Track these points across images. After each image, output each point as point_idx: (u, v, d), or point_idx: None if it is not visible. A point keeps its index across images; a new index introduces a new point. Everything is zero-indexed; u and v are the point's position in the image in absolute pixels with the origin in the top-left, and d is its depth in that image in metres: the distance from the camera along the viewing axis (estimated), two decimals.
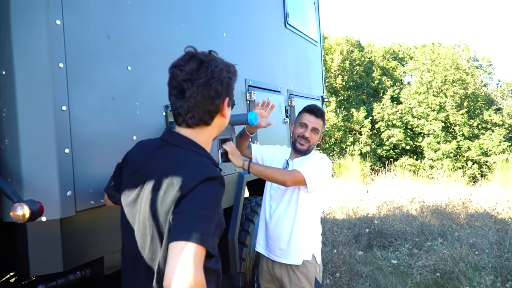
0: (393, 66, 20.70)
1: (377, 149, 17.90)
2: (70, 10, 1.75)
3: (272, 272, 2.61)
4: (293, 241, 2.51)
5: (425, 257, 4.63)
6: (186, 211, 1.20)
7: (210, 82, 1.34)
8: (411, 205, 7.79)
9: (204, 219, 1.19)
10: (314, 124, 2.54)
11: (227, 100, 1.43)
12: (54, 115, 1.67)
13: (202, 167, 1.32)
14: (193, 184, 1.23)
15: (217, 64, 1.39)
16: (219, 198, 1.29)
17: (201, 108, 1.36)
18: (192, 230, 1.16)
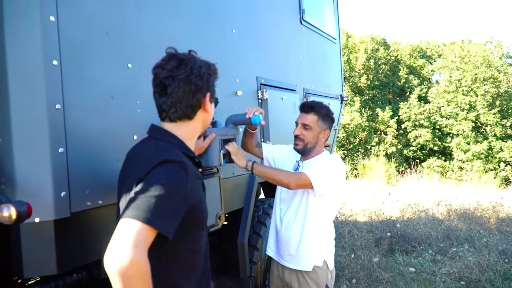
0: (420, 65, 20.20)
1: (403, 149, 17.48)
2: (66, 6, 1.70)
3: (282, 277, 2.51)
4: (303, 246, 2.40)
5: (449, 264, 4.42)
6: (139, 191, 1.22)
7: (190, 77, 1.41)
8: (437, 208, 7.51)
9: (155, 199, 1.18)
10: (303, 120, 2.42)
11: (209, 95, 1.49)
12: (47, 113, 1.63)
13: (163, 152, 1.35)
14: (150, 167, 1.27)
15: (195, 61, 1.45)
16: (177, 181, 1.27)
17: (183, 103, 1.43)
18: (136, 208, 1.16)
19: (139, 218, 1.13)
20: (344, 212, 7.16)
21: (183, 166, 1.30)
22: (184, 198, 1.27)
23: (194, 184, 1.35)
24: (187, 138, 1.49)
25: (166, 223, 1.19)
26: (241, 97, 2.93)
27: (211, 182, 2.50)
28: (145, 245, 1.13)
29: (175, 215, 1.24)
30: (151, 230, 1.14)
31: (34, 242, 1.64)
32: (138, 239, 1.11)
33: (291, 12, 3.84)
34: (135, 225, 1.12)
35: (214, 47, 2.67)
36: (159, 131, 1.48)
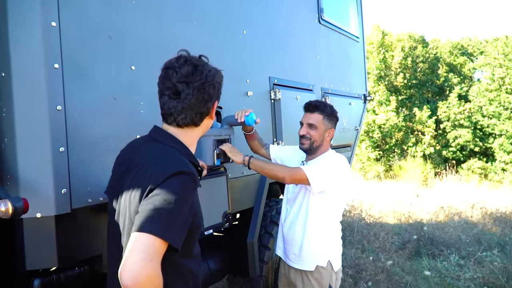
0: (461, 62, 19.47)
1: (442, 150, 16.92)
2: (67, 12, 1.78)
3: (288, 276, 2.52)
4: (305, 246, 2.39)
5: (473, 269, 4.24)
6: (152, 203, 1.21)
7: (205, 86, 1.40)
8: (471, 211, 7.22)
9: (168, 212, 1.19)
10: (308, 119, 2.40)
11: (216, 103, 1.49)
12: (48, 114, 1.71)
13: (175, 162, 1.33)
14: (163, 177, 1.25)
15: (210, 69, 1.44)
16: (188, 193, 1.27)
17: (194, 110, 1.41)
18: (152, 222, 1.16)
19: (154, 233, 1.14)
20: (372, 214, 7.02)
21: (194, 178, 1.31)
22: (191, 209, 1.29)
23: (196, 193, 1.37)
24: (190, 144, 1.47)
25: (176, 236, 1.21)
26: (251, 97, 2.95)
27: (218, 181, 2.54)
28: (158, 258, 1.15)
29: (184, 227, 1.25)
30: (163, 243, 1.16)
31: (36, 236, 1.73)
32: (153, 253, 1.13)
33: (308, 11, 3.82)
34: (150, 239, 1.13)
35: (223, 48, 2.71)
36: (163, 134, 1.45)
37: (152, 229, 1.14)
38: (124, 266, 1.11)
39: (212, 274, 2.81)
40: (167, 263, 1.31)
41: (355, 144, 4.71)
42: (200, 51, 2.48)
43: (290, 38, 3.50)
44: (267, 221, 3.21)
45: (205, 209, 2.39)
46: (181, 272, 1.38)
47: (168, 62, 1.44)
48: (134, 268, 1.09)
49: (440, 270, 4.44)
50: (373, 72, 17.20)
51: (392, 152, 16.97)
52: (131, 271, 1.09)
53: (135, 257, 1.11)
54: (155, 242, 1.14)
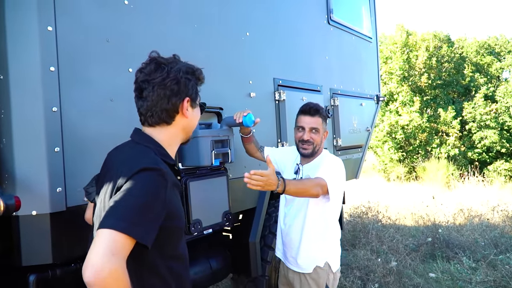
0: (488, 62, 18.91)
1: (467, 152, 16.47)
2: (64, 16, 1.85)
3: (287, 275, 2.53)
4: (303, 249, 2.39)
5: (484, 272, 4.13)
6: (117, 200, 1.22)
7: (166, 81, 1.39)
8: (492, 214, 7.02)
9: (132, 207, 1.19)
10: (311, 124, 2.38)
11: (188, 100, 1.44)
12: (44, 115, 1.78)
13: (143, 159, 1.33)
14: (130, 174, 1.26)
15: (174, 66, 1.42)
16: (155, 189, 1.26)
17: (158, 107, 1.40)
18: (114, 217, 1.16)
19: (116, 228, 1.13)
20: (389, 216, 6.92)
21: (162, 174, 1.29)
22: (162, 206, 1.27)
23: (172, 192, 1.35)
24: (167, 144, 1.46)
25: (144, 232, 1.19)
26: (254, 98, 2.97)
27: (218, 181, 2.57)
28: (122, 254, 1.13)
29: (153, 224, 1.23)
30: (128, 239, 1.15)
31: (31, 233, 1.80)
32: (115, 248, 1.11)
33: (316, 12, 3.81)
34: (112, 234, 1.12)
35: (224, 50, 2.73)
36: (139, 134, 1.47)
37: (114, 225, 1.14)
38: (86, 263, 1.10)
39: (214, 273, 2.84)
40: (145, 264, 1.33)
41: (367, 145, 4.66)
42: (200, 53, 2.55)
43: (296, 39, 3.50)
44: (271, 221, 3.21)
45: (205, 209, 2.46)
46: (162, 273, 1.37)
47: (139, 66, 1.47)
48: (96, 263, 1.08)
49: (452, 273, 4.34)
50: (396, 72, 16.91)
51: (416, 154, 16.63)
52: (93, 266, 1.08)
53: (96, 253, 1.10)
54: (117, 237, 1.13)
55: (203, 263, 2.80)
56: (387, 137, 16.37)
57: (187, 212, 2.33)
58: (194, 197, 2.36)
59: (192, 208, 2.34)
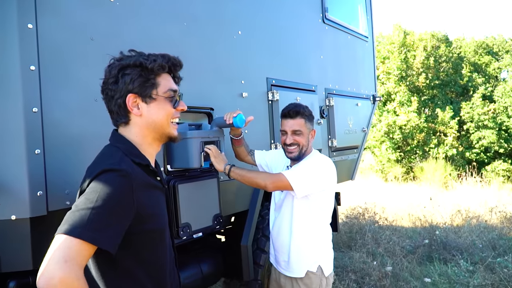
0: (486, 62, 18.91)
1: (465, 152, 16.45)
2: (45, 14, 1.78)
3: (278, 281, 2.47)
4: (293, 252, 2.34)
5: (482, 276, 4.07)
6: (76, 204, 1.17)
7: (107, 84, 1.37)
8: (490, 215, 6.97)
9: (91, 211, 1.13)
10: (292, 126, 2.31)
11: (132, 96, 1.35)
12: (24, 116, 1.71)
13: (105, 161, 1.30)
14: (90, 177, 1.23)
15: (118, 64, 1.36)
16: (116, 191, 1.20)
17: (110, 109, 1.40)
18: (70, 223, 1.12)
19: (70, 233, 1.09)
20: (386, 217, 6.86)
21: (124, 175, 1.23)
22: (126, 208, 1.21)
23: (141, 193, 1.28)
24: (139, 143, 1.39)
25: (104, 237, 1.14)
26: (246, 98, 2.90)
27: (208, 183, 2.51)
28: (77, 260, 1.09)
29: (115, 227, 1.18)
30: (84, 244, 1.10)
31: (11, 238, 1.73)
32: (68, 255, 1.07)
33: (311, 11, 3.75)
34: (67, 240, 1.08)
35: (215, 49, 2.67)
36: (113, 136, 1.43)
37: (68, 230, 1.09)
38: (40, 270, 1.06)
39: (204, 277, 2.77)
40: (118, 269, 1.28)
41: (363, 146, 4.60)
42: (189, 52, 2.49)
43: (290, 38, 3.44)
44: (264, 224, 3.15)
45: (195, 212, 2.39)
46: (138, 279, 1.31)
47: None
48: (47, 270, 1.05)
49: (450, 276, 4.28)
50: (394, 72, 16.88)
51: (413, 154, 16.60)
52: (44, 274, 1.05)
53: (49, 260, 1.07)
54: (71, 243, 1.08)
55: (193, 267, 2.73)
56: (385, 137, 16.34)
57: (176, 215, 2.26)
58: (183, 200, 2.29)
59: (181, 211, 2.27)
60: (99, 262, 1.28)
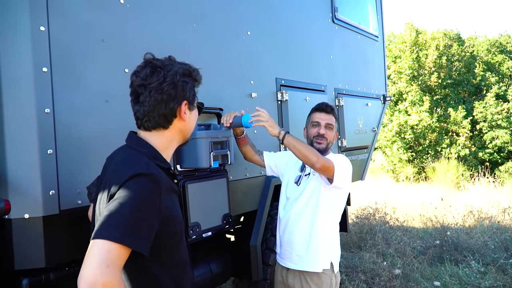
0: (499, 60, 18.61)
1: (478, 152, 16.23)
2: (57, 16, 1.82)
3: (286, 281, 2.46)
4: (313, 246, 2.35)
5: (494, 277, 4.02)
6: (109, 209, 1.19)
7: (162, 86, 1.36)
8: (503, 216, 6.88)
9: (127, 216, 1.16)
10: (327, 120, 2.44)
11: (185, 103, 1.42)
12: (36, 117, 1.75)
13: (134, 165, 1.30)
14: (121, 182, 1.24)
15: (170, 69, 1.38)
16: (147, 195, 1.24)
17: (156, 112, 1.38)
18: (107, 227, 1.14)
19: (110, 238, 1.12)
20: (397, 217, 6.82)
21: (154, 179, 1.27)
22: (156, 212, 1.25)
23: (167, 197, 1.32)
24: (163, 148, 1.44)
25: (139, 240, 1.17)
26: (256, 98, 2.92)
27: (218, 183, 2.53)
28: (117, 264, 1.12)
29: (148, 231, 1.21)
30: (123, 248, 1.13)
31: (24, 237, 1.77)
32: (110, 259, 1.10)
33: (320, 11, 3.75)
34: (106, 245, 1.11)
35: (224, 50, 2.69)
36: (133, 139, 1.45)
37: (106, 235, 1.12)
38: (80, 274, 1.08)
39: (214, 277, 2.79)
40: (142, 273, 1.31)
41: (373, 146, 4.58)
42: (199, 53, 2.51)
43: (300, 38, 3.45)
44: (274, 224, 3.15)
45: (205, 212, 2.42)
46: (161, 282, 1.35)
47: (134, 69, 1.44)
48: (89, 275, 1.06)
49: (461, 277, 4.24)
50: (405, 72, 16.73)
51: (425, 154, 16.43)
52: (86, 279, 1.06)
53: (90, 265, 1.08)
54: (111, 248, 1.10)
55: (203, 266, 2.75)
56: (396, 137, 16.19)
57: (185, 215, 2.28)
58: (193, 200, 2.32)
59: (190, 211, 2.30)
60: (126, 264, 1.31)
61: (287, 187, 2.53)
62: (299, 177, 2.47)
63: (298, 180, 2.47)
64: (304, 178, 2.45)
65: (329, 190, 2.34)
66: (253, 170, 2.89)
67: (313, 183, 2.39)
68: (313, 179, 2.40)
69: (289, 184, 2.51)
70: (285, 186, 2.54)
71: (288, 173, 2.55)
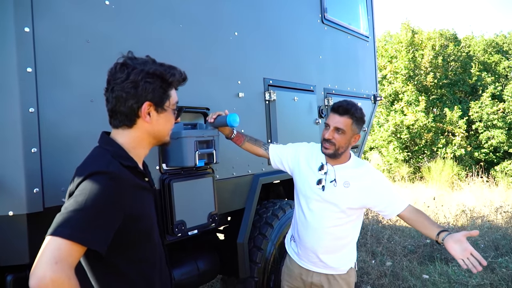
0: (495, 60, 18.72)
1: (474, 152, 16.31)
2: (42, 17, 1.85)
3: (308, 279, 2.41)
4: (342, 256, 2.37)
5: (480, 276, 4.07)
6: (65, 206, 1.21)
7: (123, 84, 1.37)
8: (495, 216, 6.94)
9: (81, 213, 1.18)
10: (337, 123, 2.19)
11: (148, 104, 1.40)
12: (20, 116, 1.78)
13: (94, 163, 1.33)
14: (79, 180, 1.27)
15: (139, 67, 1.38)
16: (106, 193, 1.25)
17: (117, 109, 1.40)
18: (60, 224, 1.16)
19: (61, 235, 1.13)
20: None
21: (114, 177, 1.28)
22: (115, 209, 1.26)
23: (131, 195, 1.33)
24: (130, 147, 1.43)
25: (92, 237, 1.18)
26: (243, 98, 2.95)
27: (204, 182, 2.56)
28: (68, 261, 1.13)
29: (104, 228, 1.22)
30: (74, 245, 1.14)
31: (8, 233, 1.80)
32: (59, 256, 1.11)
33: (309, 11, 3.79)
34: (57, 241, 1.13)
35: (211, 51, 2.72)
36: (103, 138, 1.46)
37: (58, 232, 1.14)
38: (32, 270, 1.11)
39: (200, 274, 2.83)
40: (109, 269, 1.34)
41: (363, 145, 4.62)
42: (185, 53, 2.54)
43: (288, 38, 3.48)
44: (262, 222, 3.20)
45: (190, 210, 2.45)
46: (130, 278, 1.37)
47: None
48: (39, 271, 1.09)
49: (450, 276, 4.29)
50: (401, 72, 16.79)
51: (421, 154, 16.50)
52: (36, 274, 1.09)
53: (40, 261, 1.11)
54: (61, 245, 1.13)
55: (190, 264, 2.79)
56: (392, 137, 16.26)
57: (171, 213, 2.32)
58: (178, 198, 2.35)
59: (175, 209, 2.33)
60: (90, 261, 1.34)
61: (309, 187, 2.34)
62: (322, 181, 2.29)
63: (321, 183, 2.29)
64: (329, 185, 2.27)
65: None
66: (240, 169, 2.93)
67: (350, 197, 2.24)
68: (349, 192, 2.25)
69: (312, 185, 2.32)
70: (304, 185, 2.36)
71: (304, 170, 2.38)
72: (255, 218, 3.16)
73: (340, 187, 2.26)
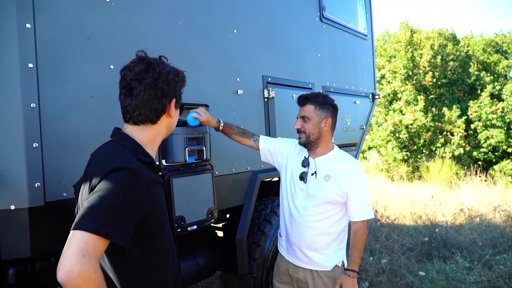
0: (494, 60, 18.76)
1: (472, 151, 16.35)
2: (43, 14, 1.87)
3: (294, 275, 2.45)
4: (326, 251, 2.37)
5: (478, 273, 4.10)
6: (88, 201, 1.24)
7: (157, 82, 1.43)
8: (493, 214, 6.97)
9: (105, 208, 1.22)
10: (301, 112, 2.36)
11: (174, 101, 1.51)
12: (22, 111, 1.80)
13: (116, 159, 1.36)
14: (102, 175, 1.30)
15: (164, 67, 1.47)
16: (128, 188, 1.29)
17: (148, 106, 1.45)
18: (86, 219, 1.19)
19: (87, 229, 1.17)
20: (388, 215, 6.89)
21: (135, 173, 1.32)
22: (136, 204, 1.30)
23: (148, 190, 1.37)
24: (148, 142, 1.49)
25: (116, 232, 1.22)
26: (242, 96, 2.98)
27: (203, 178, 2.58)
28: (94, 254, 1.17)
29: (126, 223, 1.26)
30: (100, 239, 1.18)
31: (10, 227, 1.82)
32: (86, 249, 1.15)
33: (308, 9, 3.81)
34: (83, 235, 1.16)
35: (210, 48, 2.74)
36: (117, 134, 1.50)
37: (84, 226, 1.17)
38: (59, 264, 1.14)
39: (200, 270, 2.85)
40: (125, 262, 1.37)
41: (361, 143, 4.65)
42: (185, 50, 2.57)
43: (287, 36, 3.51)
44: (260, 219, 3.22)
45: (189, 205, 2.47)
46: (145, 270, 1.41)
47: (126, 63, 1.49)
48: (67, 264, 1.12)
49: (447, 273, 4.32)
50: (400, 71, 16.82)
51: (420, 153, 16.53)
52: (64, 267, 1.12)
53: (68, 254, 1.14)
54: (88, 238, 1.16)
55: (189, 259, 2.81)
56: (391, 136, 16.29)
57: (170, 208, 2.34)
58: (177, 194, 2.37)
59: (175, 204, 2.35)
60: (109, 254, 1.37)
61: (293, 182, 2.40)
62: (304, 174, 2.36)
63: (303, 177, 2.36)
64: (311, 178, 2.33)
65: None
66: (239, 166, 2.95)
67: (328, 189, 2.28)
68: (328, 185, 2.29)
69: (295, 180, 2.39)
70: (290, 180, 2.43)
71: (291, 165, 2.45)
72: (254, 215, 3.18)
73: (320, 180, 2.31)
